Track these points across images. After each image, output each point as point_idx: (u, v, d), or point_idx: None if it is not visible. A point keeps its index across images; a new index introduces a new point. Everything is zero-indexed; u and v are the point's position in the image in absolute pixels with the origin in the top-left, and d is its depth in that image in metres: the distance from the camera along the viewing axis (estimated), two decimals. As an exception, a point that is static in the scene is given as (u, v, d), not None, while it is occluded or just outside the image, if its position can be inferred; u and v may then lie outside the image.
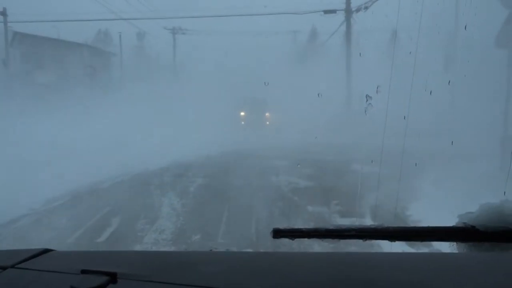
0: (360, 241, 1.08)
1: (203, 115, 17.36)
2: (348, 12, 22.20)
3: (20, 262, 0.96)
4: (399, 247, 1.22)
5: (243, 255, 1.09)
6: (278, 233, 1.02)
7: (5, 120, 11.85)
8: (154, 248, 4.94)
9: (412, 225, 1.08)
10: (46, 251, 1.05)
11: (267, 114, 21.84)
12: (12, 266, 0.94)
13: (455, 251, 1.07)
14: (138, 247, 4.98)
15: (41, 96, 15.60)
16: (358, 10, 21.99)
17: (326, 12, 23.00)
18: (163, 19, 30.62)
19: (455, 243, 1.07)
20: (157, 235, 5.44)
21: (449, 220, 1.09)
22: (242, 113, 21.69)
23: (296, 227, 1.04)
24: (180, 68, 31.23)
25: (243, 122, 21.25)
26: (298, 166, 10.03)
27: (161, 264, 0.96)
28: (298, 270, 0.93)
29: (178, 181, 8.72)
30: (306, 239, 1.07)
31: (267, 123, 21.54)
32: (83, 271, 0.87)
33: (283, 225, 1.05)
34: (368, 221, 5.88)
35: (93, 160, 9.28)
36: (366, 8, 21.51)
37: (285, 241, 1.09)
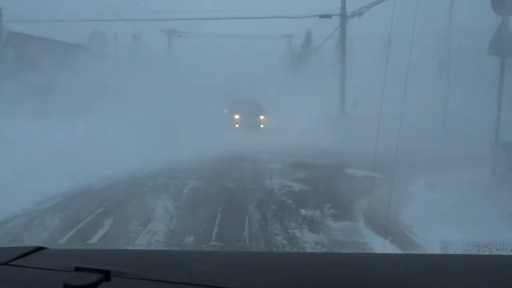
0: (357, 243, 1.08)
1: (197, 118, 17.33)
2: (343, 17, 22.33)
3: (14, 260, 0.96)
4: (392, 249, 1.23)
5: (236, 255, 1.10)
6: None
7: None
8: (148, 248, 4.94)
9: (406, 231, 1.07)
10: (39, 248, 1.06)
11: (261, 117, 21.87)
12: (6, 263, 0.94)
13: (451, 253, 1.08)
14: (131, 247, 4.97)
15: (35, 96, 15.50)
16: (353, 15, 22.16)
17: (322, 16, 23.15)
18: (158, 21, 30.65)
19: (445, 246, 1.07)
20: (150, 236, 5.43)
21: (444, 228, 1.10)
22: (237, 116, 21.67)
23: None
24: (175, 70, 31.19)
25: (237, 125, 21.24)
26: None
27: (154, 262, 0.96)
28: (290, 269, 0.94)
29: (171, 183, 8.70)
30: None
31: (262, 126, 21.56)
32: (77, 269, 0.87)
33: (276, 228, 1.05)
34: (361, 225, 5.90)
35: (86, 161, 9.23)
36: (361, 13, 21.69)
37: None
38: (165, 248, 5.08)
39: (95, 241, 5.32)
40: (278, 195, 7.94)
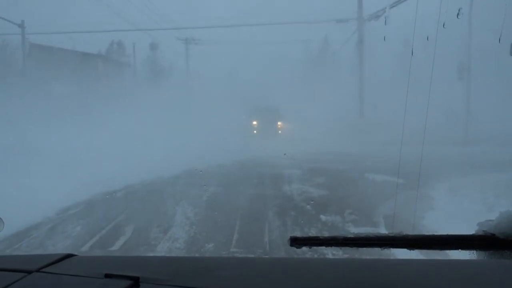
0: (378, 249, 1.07)
1: (216, 125, 17.45)
2: (360, 21, 22.22)
3: (45, 266, 0.98)
4: (416, 253, 1.21)
5: (260, 261, 1.10)
6: (295, 241, 1.01)
7: (21, 129, 12.08)
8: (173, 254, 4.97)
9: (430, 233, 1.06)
10: (69, 255, 1.07)
11: (279, 123, 21.85)
12: (37, 270, 0.96)
13: (474, 258, 1.06)
14: (152, 254, 5.01)
15: (56, 106, 15.86)
16: (370, 19, 22.04)
17: (338, 21, 23.10)
18: (176, 30, 31.05)
19: (474, 251, 1.06)
20: (171, 243, 5.46)
21: (468, 231, 1.08)
22: (255, 122, 21.72)
23: (313, 235, 1.04)
24: (193, 78, 31.50)
25: (255, 131, 21.27)
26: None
27: (181, 269, 0.97)
28: (312, 276, 0.93)
29: (191, 189, 8.76)
30: (322, 246, 1.06)
31: (279, 132, 21.53)
32: (107, 275, 0.88)
33: (296, 233, 1.05)
34: (382, 231, 5.81)
35: (106, 168, 9.37)
36: (377, 17, 21.55)
37: (301, 248, 1.08)
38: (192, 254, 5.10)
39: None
40: (297, 201, 7.90)
